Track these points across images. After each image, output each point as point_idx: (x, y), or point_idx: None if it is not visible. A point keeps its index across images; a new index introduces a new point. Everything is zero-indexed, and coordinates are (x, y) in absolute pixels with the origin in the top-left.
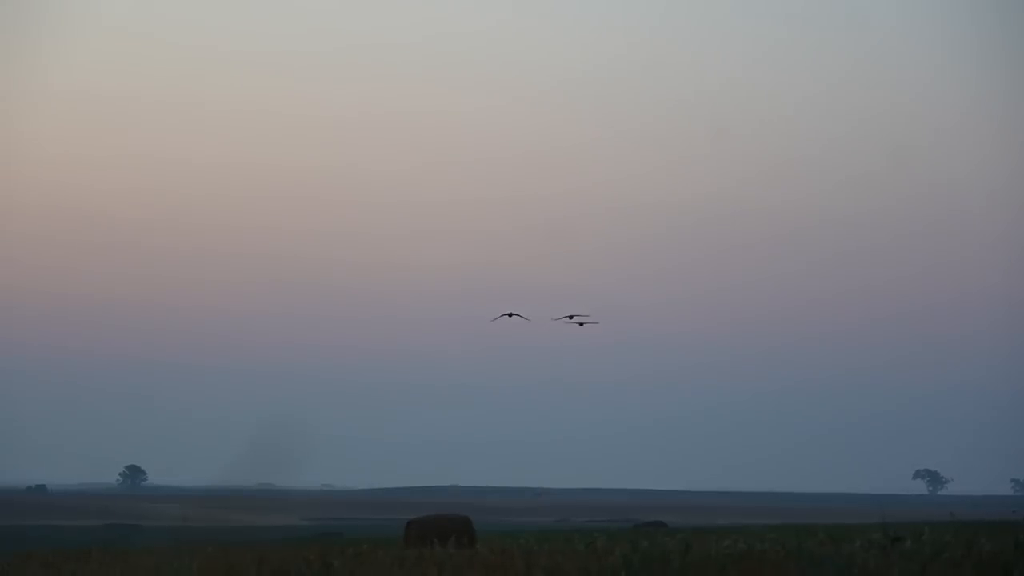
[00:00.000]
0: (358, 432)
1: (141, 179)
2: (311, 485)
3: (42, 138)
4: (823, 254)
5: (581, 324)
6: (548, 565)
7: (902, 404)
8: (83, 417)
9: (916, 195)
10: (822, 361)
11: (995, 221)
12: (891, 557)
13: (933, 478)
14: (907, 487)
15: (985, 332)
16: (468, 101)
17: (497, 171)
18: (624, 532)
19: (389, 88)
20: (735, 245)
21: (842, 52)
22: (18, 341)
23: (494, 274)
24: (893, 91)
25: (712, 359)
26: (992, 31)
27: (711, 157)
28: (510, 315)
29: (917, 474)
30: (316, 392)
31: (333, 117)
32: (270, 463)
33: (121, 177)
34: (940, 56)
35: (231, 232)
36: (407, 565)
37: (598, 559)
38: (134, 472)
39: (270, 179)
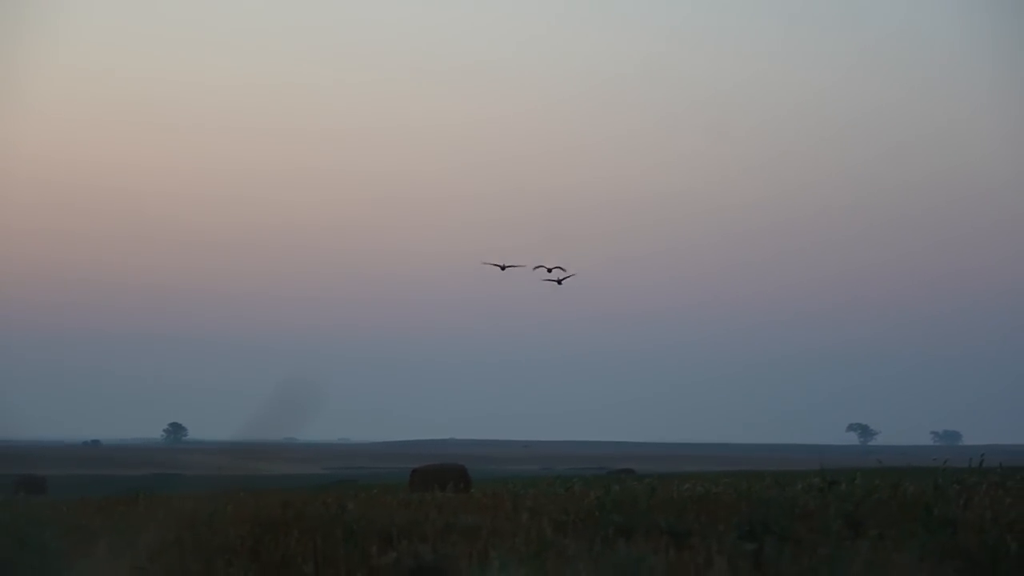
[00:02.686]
0: (371, 392)
1: (191, 173)
2: (329, 438)
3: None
4: (802, 243)
5: (560, 282)
6: (533, 506)
7: (837, 366)
8: (132, 381)
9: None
10: (772, 336)
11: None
12: (828, 498)
13: (864, 431)
14: (841, 439)
15: (907, 302)
16: (475, 105)
17: (501, 168)
18: (598, 478)
19: (400, 91)
20: (719, 233)
21: (844, 47)
22: (79, 316)
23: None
24: (896, 85)
25: (680, 333)
26: (995, 23)
27: (712, 151)
28: (503, 267)
29: (850, 427)
30: (335, 359)
31: (361, 119)
32: (294, 419)
33: (169, 167)
34: (944, 50)
35: (255, 221)
36: (411, 507)
37: (575, 501)
38: (176, 428)
39: (294, 177)
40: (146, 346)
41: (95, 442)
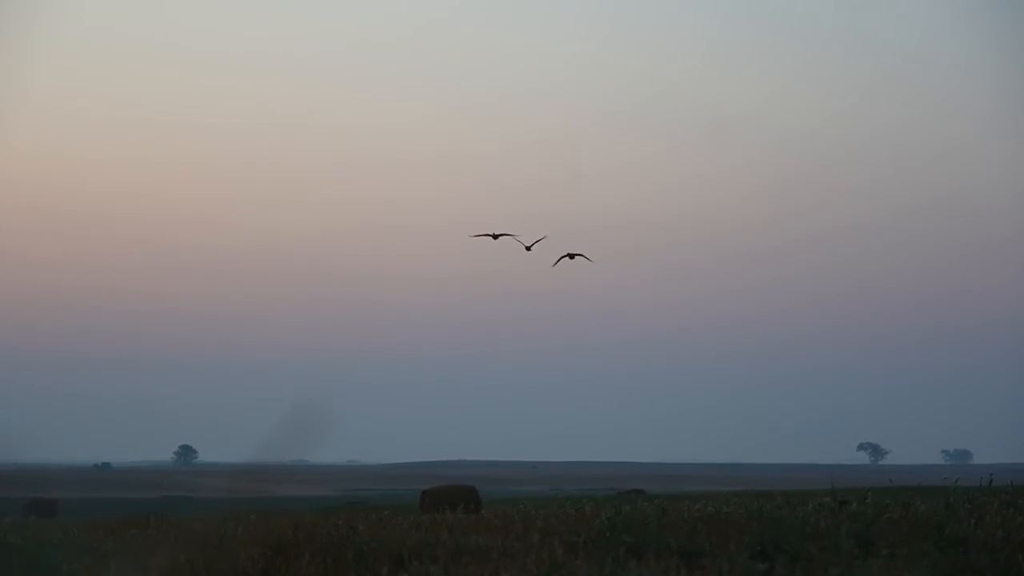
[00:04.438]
0: (380, 414)
1: (197, 188)
2: (339, 460)
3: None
4: (811, 262)
5: (572, 256)
6: (543, 527)
7: (847, 385)
8: (142, 404)
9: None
10: (782, 356)
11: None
12: (839, 517)
13: (874, 450)
14: (852, 458)
15: (917, 321)
16: (485, 132)
17: (512, 193)
18: (609, 498)
19: (407, 118)
20: (727, 253)
21: (855, 71)
22: (88, 341)
23: (499, 282)
24: (906, 108)
25: (689, 354)
26: (1003, 47)
27: (722, 173)
28: (495, 236)
29: (860, 447)
30: (345, 381)
31: (383, 151)
32: (303, 441)
33: (178, 183)
34: (953, 74)
35: (266, 247)
36: (422, 528)
37: (586, 522)
38: (187, 450)
39: (303, 203)
40: (156, 369)
41: (105, 465)
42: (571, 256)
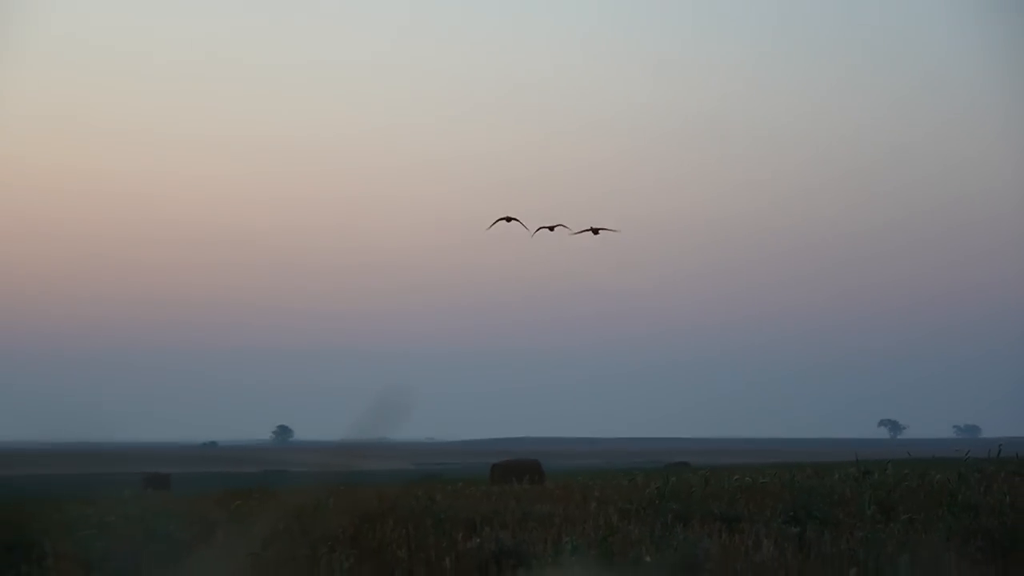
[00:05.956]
0: (455, 396)
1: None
2: (418, 438)
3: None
4: (839, 258)
5: (596, 231)
6: (600, 496)
7: (869, 368)
8: (251, 389)
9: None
10: (811, 342)
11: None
12: (863, 486)
13: (893, 426)
14: (873, 433)
15: (933, 309)
16: (525, 131)
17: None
18: (657, 470)
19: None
20: (763, 251)
21: (875, 87)
22: (195, 330)
23: (558, 279)
24: (924, 118)
25: (728, 343)
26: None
27: (763, 178)
28: (508, 220)
29: (881, 423)
30: (424, 366)
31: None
32: (387, 421)
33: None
34: (966, 86)
35: (354, 247)
36: (492, 498)
37: (638, 491)
38: (283, 430)
39: (372, 205)
40: (258, 357)
41: (212, 443)
42: (595, 231)
